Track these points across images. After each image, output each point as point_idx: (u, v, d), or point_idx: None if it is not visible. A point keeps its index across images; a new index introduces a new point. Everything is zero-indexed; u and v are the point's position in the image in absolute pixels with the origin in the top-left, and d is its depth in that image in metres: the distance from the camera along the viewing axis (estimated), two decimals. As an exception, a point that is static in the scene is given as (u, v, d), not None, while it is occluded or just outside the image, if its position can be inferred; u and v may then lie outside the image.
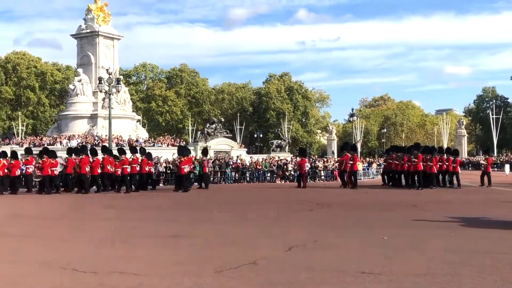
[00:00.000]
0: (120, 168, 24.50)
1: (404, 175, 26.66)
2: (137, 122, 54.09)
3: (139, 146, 32.15)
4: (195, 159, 29.68)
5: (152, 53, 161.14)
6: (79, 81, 49.52)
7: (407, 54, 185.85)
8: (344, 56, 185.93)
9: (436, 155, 26.32)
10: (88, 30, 49.99)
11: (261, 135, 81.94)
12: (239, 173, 34.89)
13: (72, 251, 9.14)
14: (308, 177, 35.41)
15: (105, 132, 42.99)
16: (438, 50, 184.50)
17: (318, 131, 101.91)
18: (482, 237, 10.41)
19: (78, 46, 51.08)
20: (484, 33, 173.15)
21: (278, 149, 59.43)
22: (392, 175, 27.82)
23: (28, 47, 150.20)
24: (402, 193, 22.98)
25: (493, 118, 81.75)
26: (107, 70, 37.97)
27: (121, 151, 25.94)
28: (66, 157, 24.93)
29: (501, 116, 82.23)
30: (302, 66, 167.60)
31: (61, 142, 43.78)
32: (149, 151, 27.93)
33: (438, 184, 26.09)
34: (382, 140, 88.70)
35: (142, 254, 8.77)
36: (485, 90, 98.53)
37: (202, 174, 27.41)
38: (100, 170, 24.50)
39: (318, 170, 36.78)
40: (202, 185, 27.07)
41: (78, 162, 24.04)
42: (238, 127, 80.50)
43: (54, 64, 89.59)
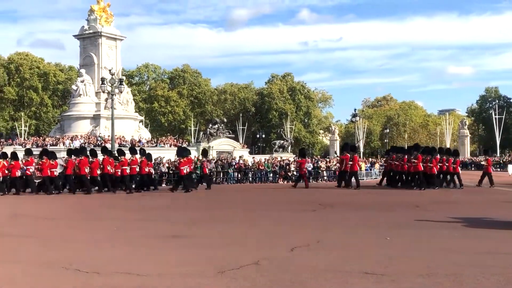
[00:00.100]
0: (119, 169, 24.56)
1: (404, 176, 26.63)
2: (139, 122, 54.13)
3: (139, 147, 32.12)
4: (198, 160, 29.66)
5: (154, 53, 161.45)
6: (82, 81, 49.56)
7: (410, 55, 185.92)
8: (346, 56, 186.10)
9: (436, 156, 26.30)
10: (90, 31, 50.05)
11: (263, 136, 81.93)
12: (242, 173, 34.91)
13: (74, 251, 9.14)
14: (311, 177, 35.52)
15: (107, 132, 43.02)
16: (441, 50, 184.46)
17: (321, 132, 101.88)
18: (485, 237, 10.40)
19: (80, 47, 51.13)
20: (487, 33, 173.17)
21: (281, 149, 59.45)
22: (392, 176, 27.76)
23: (31, 48, 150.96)
24: (404, 193, 22.95)
25: (496, 118, 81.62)
26: (110, 70, 38.07)
27: (120, 152, 25.92)
28: (66, 158, 24.97)
29: (504, 116, 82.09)
30: (305, 67, 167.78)
31: (64, 143, 43.80)
32: (149, 152, 27.88)
33: (440, 184, 26.08)
34: (384, 140, 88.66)
35: (144, 255, 8.78)
36: (488, 90, 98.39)
37: (202, 175, 27.44)
38: (99, 171, 24.54)
39: (320, 171, 36.81)
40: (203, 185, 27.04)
41: (77, 163, 24.08)
42: (241, 128, 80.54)
43: (56, 64, 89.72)
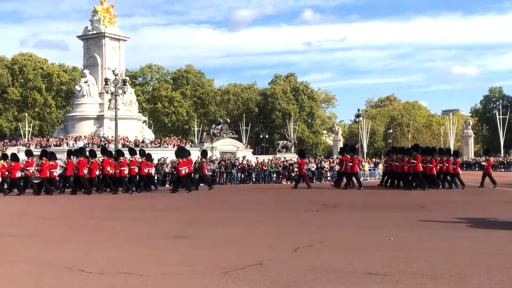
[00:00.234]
0: (119, 169, 24.61)
1: (404, 177, 26.55)
2: (143, 123, 54.20)
3: (140, 148, 32.15)
4: (201, 161, 29.64)
5: (158, 54, 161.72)
6: (86, 82, 49.66)
7: (414, 55, 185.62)
8: (350, 56, 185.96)
9: (436, 156, 26.24)
10: (94, 32, 50.15)
11: (267, 136, 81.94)
12: (245, 174, 34.90)
13: (77, 252, 9.15)
14: (314, 177, 35.50)
15: (111, 133, 43.09)
16: (445, 50, 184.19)
17: (324, 132, 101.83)
18: (489, 238, 10.38)
19: (84, 48, 51.24)
20: (491, 33, 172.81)
21: (284, 149, 59.40)
22: (393, 177, 27.69)
23: (34, 49, 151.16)
24: (407, 194, 22.92)
25: (499, 118, 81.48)
26: (113, 71, 38.06)
27: (119, 153, 25.97)
28: (66, 159, 25.06)
29: (507, 116, 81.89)
30: (308, 67, 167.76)
31: (67, 143, 43.87)
32: (148, 152, 27.91)
33: (443, 185, 26.01)
34: (388, 140, 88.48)
35: (147, 255, 8.78)
36: (492, 90, 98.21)
37: (201, 175, 27.42)
38: (99, 172, 24.59)
39: (324, 171, 36.77)
40: (199, 187, 26.92)
41: (76, 164, 24.14)
42: (244, 128, 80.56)
43: (60, 65, 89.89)
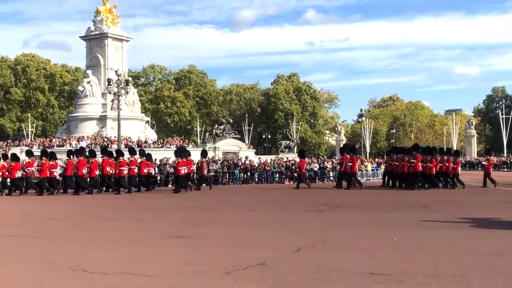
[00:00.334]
0: (118, 169, 24.64)
1: (405, 177, 26.52)
2: (146, 123, 54.26)
3: (140, 148, 32.19)
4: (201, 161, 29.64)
5: (160, 54, 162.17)
6: (88, 82, 49.73)
7: (417, 55, 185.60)
8: (352, 56, 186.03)
9: (436, 156, 26.19)
10: (97, 32, 50.22)
11: (269, 136, 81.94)
12: (248, 174, 34.91)
13: (80, 252, 9.15)
14: (317, 177, 35.49)
15: (114, 133, 43.13)
16: (448, 50, 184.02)
17: (327, 132, 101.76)
18: (492, 237, 10.35)
19: (87, 48, 51.31)
20: (493, 33, 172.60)
21: (287, 150, 59.37)
22: (393, 177, 27.67)
23: (37, 49, 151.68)
24: (410, 194, 22.90)
25: (502, 118, 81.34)
26: (116, 71, 38.18)
27: (119, 153, 26.01)
28: (67, 159, 25.11)
29: (510, 116, 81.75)
30: (311, 67, 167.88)
31: (70, 144, 43.96)
32: (148, 152, 27.95)
33: (445, 185, 25.94)
34: (391, 140, 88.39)
35: (150, 255, 8.79)
36: (494, 90, 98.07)
37: (200, 175, 27.41)
38: (98, 172, 24.62)
39: (327, 171, 36.75)
40: (201, 187, 26.92)
41: (75, 164, 24.18)
42: (247, 128, 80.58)
43: (63, 65, 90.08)
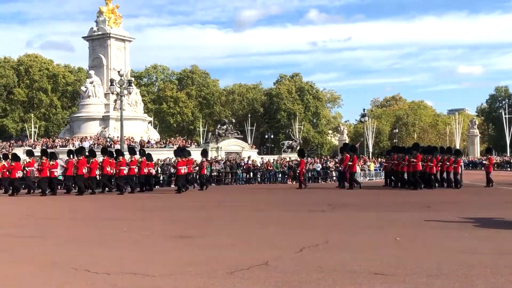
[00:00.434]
0: (118, 169, 24.67)
1: (405, 176, 26.49)
2: (148, 123, 54.32)
3: (140, 148, 32.19)
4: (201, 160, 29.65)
5: (163, 54, 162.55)
6: (91, 83, 49.79)
7: (420, 54, 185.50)
8: (355, 56, 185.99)
9: (437, 155, 26.13)
10: (99, 32, 50.29)
11: (272, 136, 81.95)
12: (250, 174, 34.91)
13: (83, 252, 9.16)
14: (320, 177, 35.48)
15: (117, 133, 43.20)
16: (451, 49, 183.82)
17: (329, 132, 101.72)
18: (495, 237, 10.32)
19: (90, 48, 51.39)
20: (496, 32, 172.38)
21: (289, 149, 59.40)
22: (393, 176, 27.62)
23: (40, 50, 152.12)
24: (413, 194, 22.87)
25: (506, 117, 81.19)
26: (119, 72, 38.18)
27: (119, 153, 26.03)
28: (67, 159, 25.15)
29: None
30: (313, 67, 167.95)
31: (73, 144, 44.01)
32: (148, 152, 27.99)
33: (442, 184, 25.89)
34: (394, 140, 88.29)
35: (153, 255, 8.79)
36: (497, 89, 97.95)
37: (199, 175, 27.42)
38: (98, 172, 24.64)
39: (329, 171, 36.74)
40: (202, 186, 26.97)
41: (75, 164, 24.21)
42: (249, 128, 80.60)
43: (66, 66, 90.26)
